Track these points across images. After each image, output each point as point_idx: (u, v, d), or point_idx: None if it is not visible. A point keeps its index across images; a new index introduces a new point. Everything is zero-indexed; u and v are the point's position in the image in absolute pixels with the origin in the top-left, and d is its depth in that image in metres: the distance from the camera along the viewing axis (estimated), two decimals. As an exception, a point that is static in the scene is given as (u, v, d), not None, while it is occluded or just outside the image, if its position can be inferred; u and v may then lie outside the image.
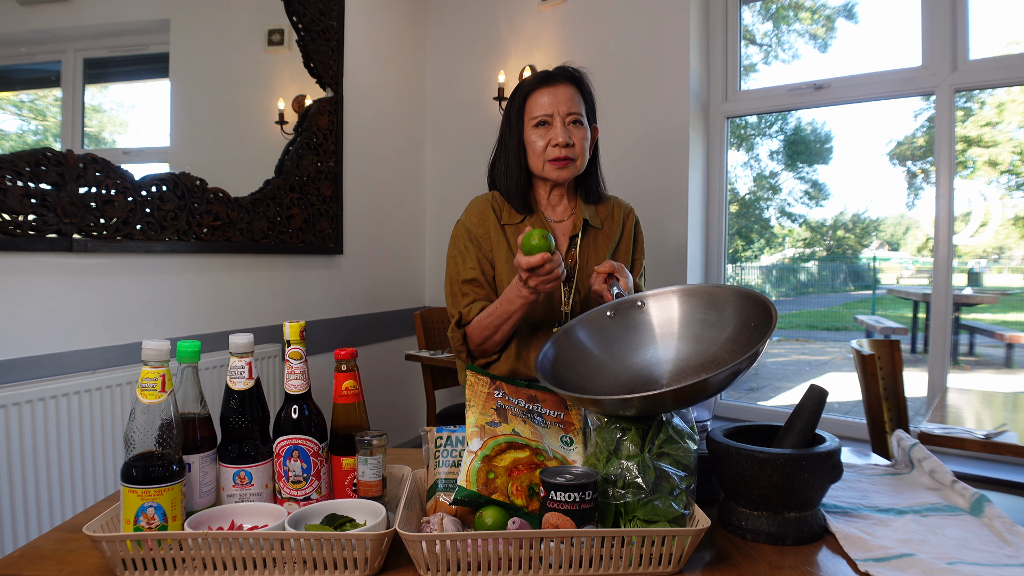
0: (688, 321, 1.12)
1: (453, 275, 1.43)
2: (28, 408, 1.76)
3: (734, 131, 3.17)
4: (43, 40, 1.98)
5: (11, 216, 1.78)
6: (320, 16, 2.85)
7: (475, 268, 1.40)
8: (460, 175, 3.51)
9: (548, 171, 1.40)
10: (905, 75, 2.54)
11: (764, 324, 0.95)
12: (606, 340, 1.16)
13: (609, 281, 1.26)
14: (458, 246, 1.44)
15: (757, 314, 1.00)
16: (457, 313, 1.39)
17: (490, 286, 1.42)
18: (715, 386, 0.89)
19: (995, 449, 1.55)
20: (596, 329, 1.16)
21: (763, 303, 1.00)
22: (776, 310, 0.96)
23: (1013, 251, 2.85)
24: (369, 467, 0.96)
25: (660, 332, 1.14)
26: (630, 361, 1.13)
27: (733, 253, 3.28)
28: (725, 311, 1.08)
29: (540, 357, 1.08)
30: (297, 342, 0.98)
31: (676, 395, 0.89)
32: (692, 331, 1.11)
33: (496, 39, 3.36)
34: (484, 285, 1.41)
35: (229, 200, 2.42)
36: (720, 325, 1.08)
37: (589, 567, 0.83)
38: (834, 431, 2.19)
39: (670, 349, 1.12)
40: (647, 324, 1.16)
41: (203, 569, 0.83)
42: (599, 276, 1.27)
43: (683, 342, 1.12)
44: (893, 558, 0.83)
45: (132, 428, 0.87)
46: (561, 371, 1.09)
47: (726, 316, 1.07)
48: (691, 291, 1.14)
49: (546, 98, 1.38)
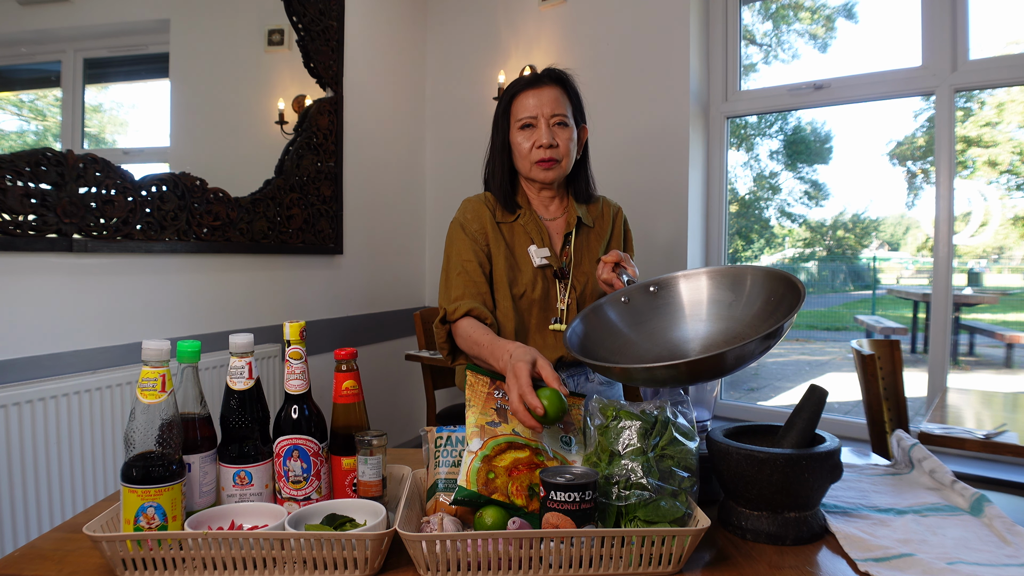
0: (715, 300, 1.14)
1: (446, 266, 1.43)
2: (28, 408, 1.76)
3: (734, 131, 3.17)
4: (43, 40, 1.98)
5: (11, 216, 1.78)
6: (320, 16, 2.85)
7: (471, 260, 1.39)
8: (460, 175, 3.51)
9: (535, 172, 1.41)
10: (905, 75, 2.54)
11: (791, 300, 0.97)
12: (635, 320, 1.18)
13: (617, 270, 1.27)
14: (453, 240, 1.44)
15: (784, 291, 1.02)
16: (443, 310, 1.37)
17: (485, 277, 1.39)
18: (738, 359, 0.91)
19: (995, 449, 1.55)
20: (625, 309, 1.18)
21: (789, 280, 1.02)
22: (804, 286, 0.98)
23: (1013, 251, 2.85)
24: (369, 467, 0.96)
25: (689, 312, 1.16)
26: (659, 339, 1.15)
27: (733, 253, 3.28)
28: (751, 290, 1.10)
29: (568, 333, 1.10)
30: (297, 342, 0.99)
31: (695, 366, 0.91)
32: (719, 311, 1.13)
33: (496, 39, 3.36)
34: (479, 276, 1.38)
35: (229, 200, 2.42)
36: (747, 304, 1.09)
37: (589, 567, 0.83)
38: (834, 431, 2.19)
39: (699, 328, 1.14)
40: (676, 304, 1.17)
41: (203, 569, 0.83)
42: (607, 265, 1.28)
43: (711, 322, 1.13)
44: (893, 558, 0.83)
45: (132, 428, 0.87)
46: (589, 346, 1.11)
47: (752, 295, 1.09)
48: (720, 272, 1.16)
49: (531, 100, 1.39)
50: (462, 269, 1.38)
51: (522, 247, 1.43)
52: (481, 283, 1.38)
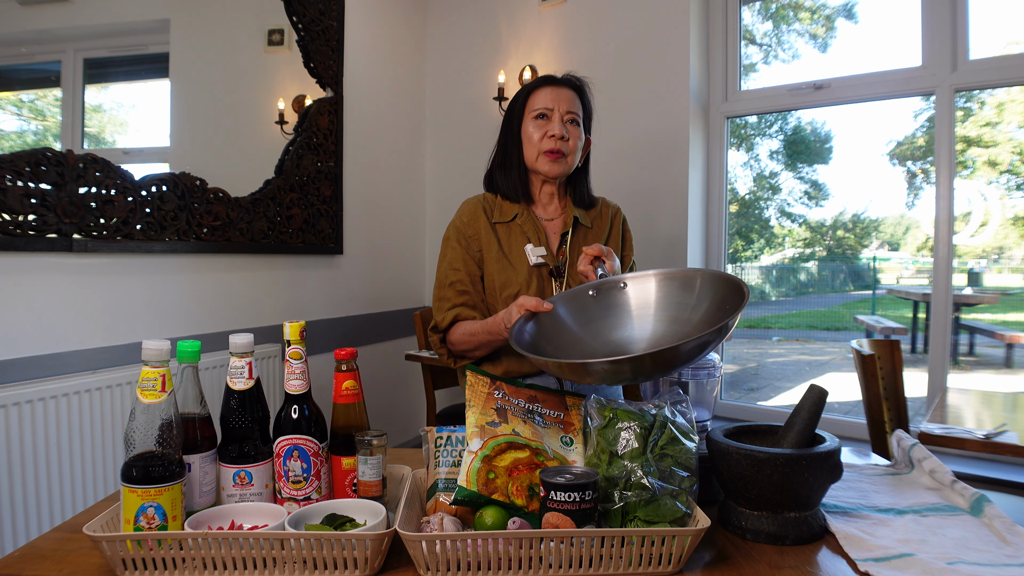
0: (665, 304, 1.17)
1: (438, 277, 1.49)
2: (28, 408, 1.76)
3: (734, 131, 3.17)
4: (43, 40, 1.98)
5: (11, 216, 1.78)
6: (320, 16, 2.85)
7: (459, 270, 1.45)
8: (460, 175, 3.51)
9: (541, 163, 1.45)
10: (905, 75, 2.54)
11: (736, 303, 0.99)
12: (585, 318, 1.19)
13: (595, 263, 1.28)
14: (445, 249, 1.49)
15: (731, 295, 1.04)
16: (434, 321, 1.46)
17: (474, 286, 1.45)
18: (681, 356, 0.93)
19: (995, 449, 1.55)
20: (576, 307, 1.20)
21: (735, 284, 1.04)
22: (748, 289, 1.00)
23: (1013, 251, 2.85)
24: (369, 467, 0.96)
25: (637, 313, 1.18)
26: (607, 338, 1.17)
27: (733, 253, 3.28)
28: (700, 293, 1.12)
29: (516, 329, 1.11)
30: (297, 342, 0.99)
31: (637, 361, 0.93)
32: (668, 313, 1.16)
33: (496, 39, 3.36)
34: (468, 286, 1.44)
35: (229, 200, 2.42)
36: (695, 307, 1.11)
37: (589, 567, 0.83)
38: (834, 431, 2.19)
39: (646, 328, 1.17)
40: (625, 305, 1.20)
41: (203, 569, 0.83)
42: (586, 257, 1.29)
43: (659, 323, 1.16)
44: (893, 558, 0.83)
45: (132, 428, 0.87)
46: (539, 342, 1.12)
47: (700, 297, 1.11)
48: (669, 275, 1.18)
49: (549, 94, 1.45)
50: (450, 280, 1.45)
51: (519, 246, 1.46)
52: (470, 290, 1.44)
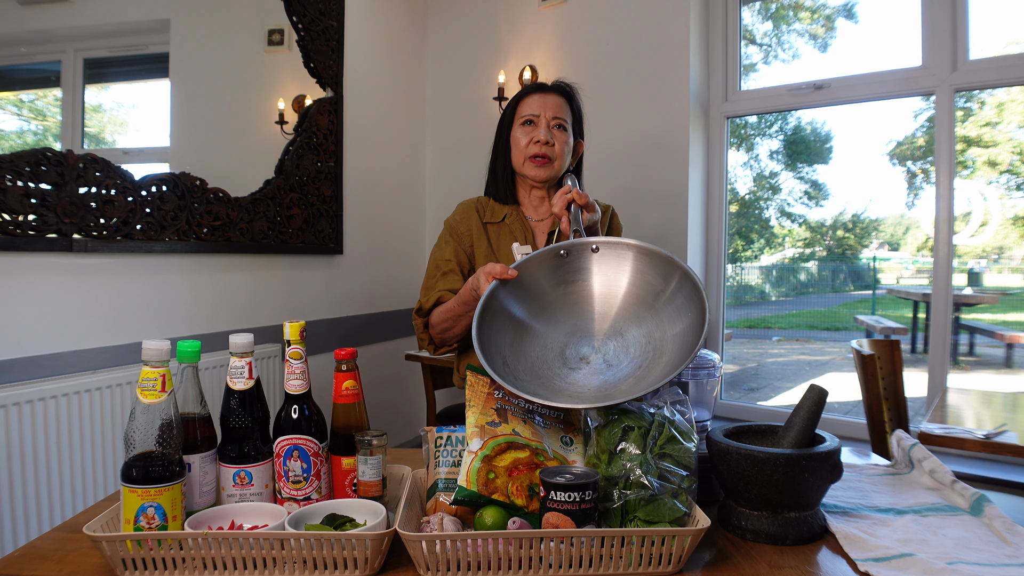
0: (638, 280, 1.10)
1: (430, 268, 1.53)
2: (28, 408, 1.76)
3: (734, 131, 3.17)
4: (43, 40, 1.98)
5: (11, 216, 1.78)
6: (320, 16, 2.85)
7: (450, 260, 1.49)
8: (460, 175, 3.51)
9: (527, 168, 1.49)
10: (905, 75, 2.54)
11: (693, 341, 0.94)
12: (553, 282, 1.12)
13: (572, 209, 1.20)
14: (439, 242, 1.55)
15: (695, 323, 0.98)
16: (419, 303, 1.50)
17: (462, 274, 1.49)
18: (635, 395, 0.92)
19: (995, 449, 1.55)
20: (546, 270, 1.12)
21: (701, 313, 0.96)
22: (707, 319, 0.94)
23: (1013, 251, 2.85)
24: (369, 467, 0.96)
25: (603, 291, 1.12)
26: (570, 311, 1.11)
27: (733, 253, 3.28)
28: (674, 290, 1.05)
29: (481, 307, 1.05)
30: (297, 342, 0.99)
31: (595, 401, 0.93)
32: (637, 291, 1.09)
33: (496, 39, 3.36)
34: (455, 275, 1.48)
35: (229, 200, 2.42)
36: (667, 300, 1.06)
37: (589, 567, 0.83)
38: (834, 431, 2.19)
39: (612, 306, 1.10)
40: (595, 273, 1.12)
41: (203, 569, 0.83)
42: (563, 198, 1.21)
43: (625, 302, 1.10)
44: (893, 558, 0.83)
45: (132, 428, 0.87)
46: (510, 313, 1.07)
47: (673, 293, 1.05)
48: (647, 252, 1.10)
49: (536, 101, 1.49)
50: (442, 269, 1.49)
51: (507, 245, 1.50)
52: (456, 280, 1.48)
